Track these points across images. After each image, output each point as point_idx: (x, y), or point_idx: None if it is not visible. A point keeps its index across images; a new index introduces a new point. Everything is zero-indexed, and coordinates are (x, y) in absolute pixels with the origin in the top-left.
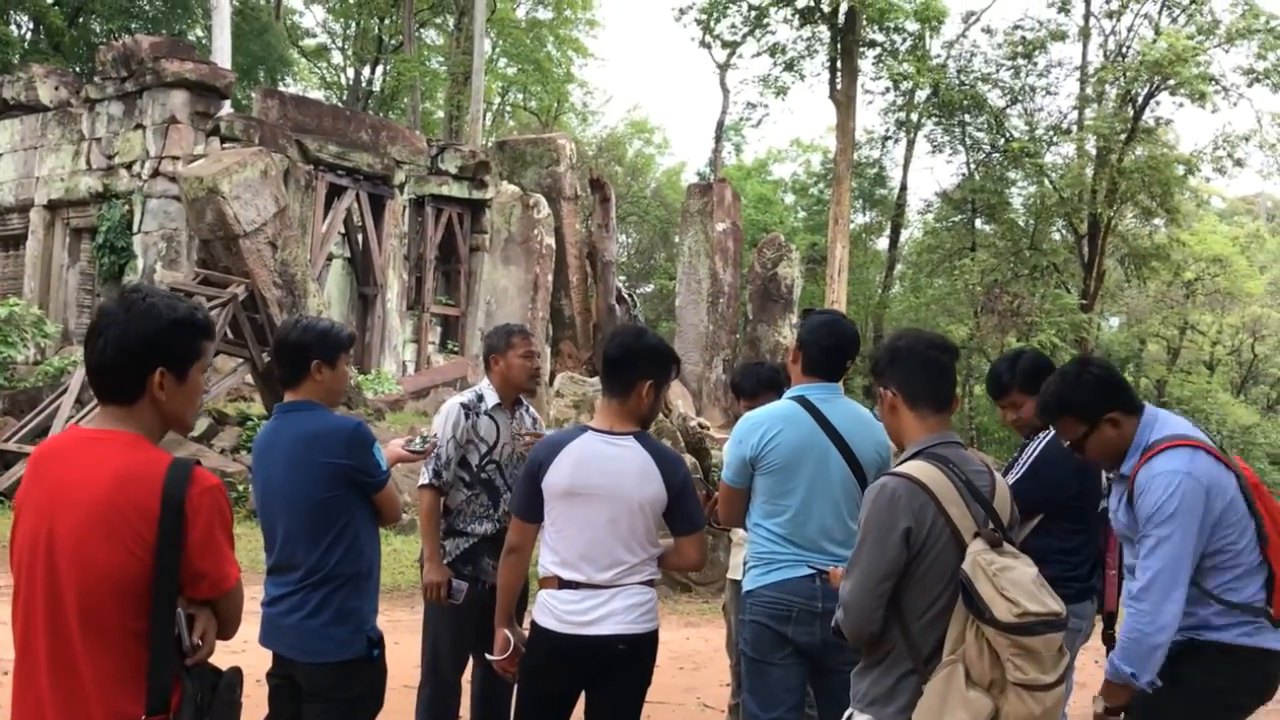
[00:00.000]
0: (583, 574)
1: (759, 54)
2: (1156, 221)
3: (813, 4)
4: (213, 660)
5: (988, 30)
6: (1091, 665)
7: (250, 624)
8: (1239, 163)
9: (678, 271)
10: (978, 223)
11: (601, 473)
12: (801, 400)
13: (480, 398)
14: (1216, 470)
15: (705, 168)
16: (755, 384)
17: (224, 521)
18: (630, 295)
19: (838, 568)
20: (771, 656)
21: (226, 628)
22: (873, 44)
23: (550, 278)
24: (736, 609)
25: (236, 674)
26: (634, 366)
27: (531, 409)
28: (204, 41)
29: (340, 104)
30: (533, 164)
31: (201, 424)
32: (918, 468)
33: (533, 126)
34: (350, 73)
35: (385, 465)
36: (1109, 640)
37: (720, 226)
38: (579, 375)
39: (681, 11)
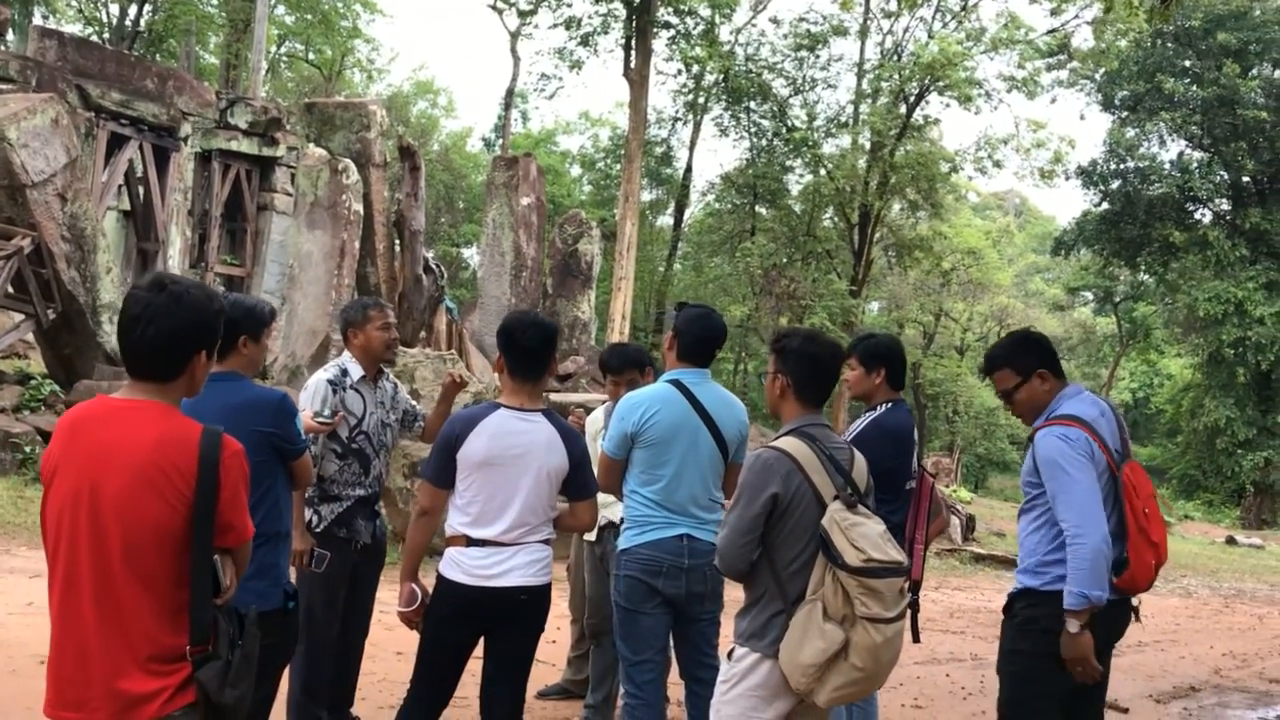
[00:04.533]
0: (490, 533)
1: (555, 25)
2: (921, 214)
3: None
4: None
5: (775, 21)
6: None
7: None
8: (998, 164)
9: (481, 243)
10: (758, 208)
11: (515, 445)
12: (677, 383)
13: (345, 372)
14: (1090, 446)
15: (492, 134)
16: (623, 362)
17: (246, 481)
18: (437, 265)
19: None
20: (643, 606)
21: (241, 572)
22: (667, 25)
23: (357, 244)
24: (593, 568)
25: (256, 614)
26: (549, 353)
27: (393, 377)
28: None
29: (108, 43)
30: (342, 128)
31: None
32: (788, 442)
33: (315, 80)
34: (114, 9)
35: (304, 435)
36: (912, 606)
37: (525, 201)
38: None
39: None
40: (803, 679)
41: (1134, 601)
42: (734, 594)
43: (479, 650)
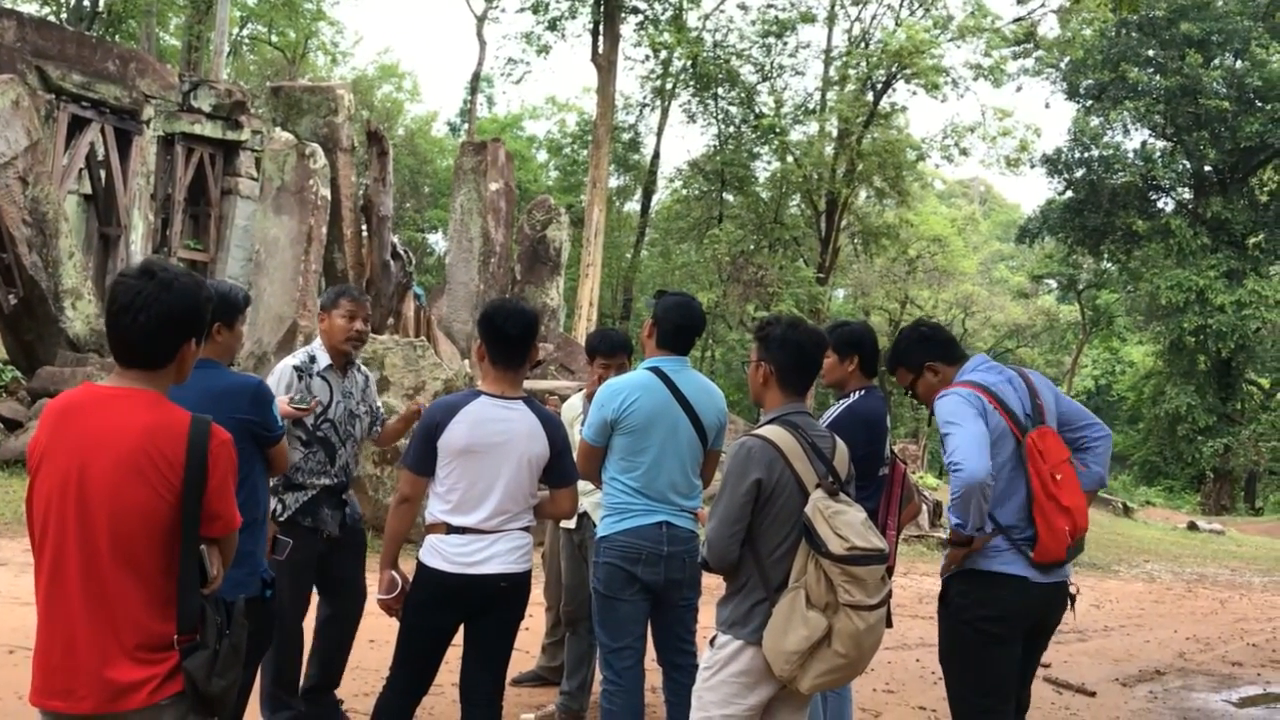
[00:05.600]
0: (471, 521)
1: (522, 9)
2: (887, 201)
3: None
4: None
5: (743, 7)
6: None
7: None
8: (965, 152)
9: (449, 229)
10: (726, 194)
11: (496, 433)
12: (656, 371)
13: (312, 359)
14: (981, 403)
15: (458, 118)
16: (613, 346)
17: (234, 471)
18: (406, 252)
19: (703, 509)
20: (622, 594)
21: (228, 562)
22: (635, 10)
23: (324, 230)
24: (570, 555)
25: (244, 602)
26: (531, 341)
27: (366, 370)
28: None
29: (65, 24)
30: (309, 112)
31: None
32: (771, 430)
33: (277, 63)
34: None
35: (281, 421)
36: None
37: (493, 186)
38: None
39: None
40: (786, 666)
41: (1071, 590)
42: (711, 581)
43: (456, 638)
